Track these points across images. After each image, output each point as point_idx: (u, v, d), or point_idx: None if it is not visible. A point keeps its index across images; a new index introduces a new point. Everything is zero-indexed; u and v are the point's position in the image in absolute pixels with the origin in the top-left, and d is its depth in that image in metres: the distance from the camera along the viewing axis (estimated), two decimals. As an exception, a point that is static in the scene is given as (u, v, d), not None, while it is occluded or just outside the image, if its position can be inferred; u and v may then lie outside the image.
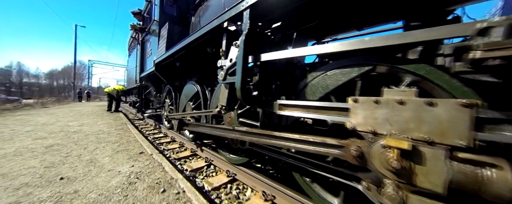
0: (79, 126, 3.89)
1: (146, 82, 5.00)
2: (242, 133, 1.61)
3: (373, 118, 0.80)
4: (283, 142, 1.25)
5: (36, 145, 2.32)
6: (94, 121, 4.75)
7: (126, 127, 3.97)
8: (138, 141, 2.73)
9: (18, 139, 2.59)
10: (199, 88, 2.86)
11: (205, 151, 2.72)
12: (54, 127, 3.61)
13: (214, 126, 2.01)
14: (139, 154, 2.09)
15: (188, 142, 3.19)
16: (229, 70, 1.45)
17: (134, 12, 4.40)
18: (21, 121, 4.39)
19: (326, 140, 1.00)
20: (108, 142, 2.63)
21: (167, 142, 3.56)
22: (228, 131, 1.78)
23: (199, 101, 2.88)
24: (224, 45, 1.66)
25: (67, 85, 42.10)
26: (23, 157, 1.84)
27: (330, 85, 1.21)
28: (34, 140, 2.54)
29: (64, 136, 2.89)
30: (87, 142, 2.56)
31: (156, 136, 4.03)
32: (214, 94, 2.41)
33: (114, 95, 7.35)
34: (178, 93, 3.75)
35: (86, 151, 2.12)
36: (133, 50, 6.52)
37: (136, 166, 1.69)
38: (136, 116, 7.37)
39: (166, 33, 3.09)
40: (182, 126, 2.80)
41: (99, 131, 3.38)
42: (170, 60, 3.03)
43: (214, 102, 2.40)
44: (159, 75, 3.68)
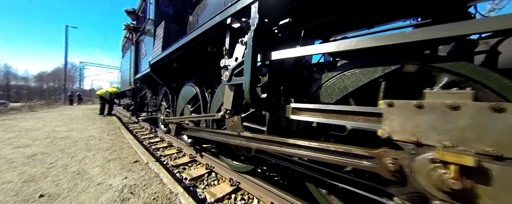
0: (68, 131, 3.61)
1: (141, 84, 4.76)
2: (249, 139, 1.46)
3: (414, 125, 0.67)
4: (298, 150, 1.11)
5: (17, 154, 2.08)
6: (84, 125, 4.45)
7: (119, 132, 3.73)
8: (133, 148, 2.52)
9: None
10: (198, 90, 2.69)
11: (205, 157, 2.55)
12: (39, 133, 3.32)
13: (216, 131, 1.85)
14: (133, 163, 1.89)
15: (187, 147, 3.00)
16: (234, 70, 1.30)
17: (128, 10, 4.18)
18: (4, 127, 4.05)
19: (351, 149, 0.87)
20: (99, 149, 2.41)
21: (164, 148, 3.35)
22: (232, 137, 1.63)
23: (198, 104, 2.71)
24: (227, 43, 1.51)
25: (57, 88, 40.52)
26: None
27: (349, 87, 1.09)
28: (14, 149, 2.28)
29: (50, 143, 2.64)
30: (75, 150, 2.33)
31: (152, 140, 3.80)
32: (214, 96, 2.25)
33: (107, 97, 7.01)
34: (175, 96, 3.56)
35: (73, 161, 1.90)
36: (127, 51, 6.24)
37: (130, 178, 1.50)
38: (131, 119, 7.05)
39: (162, 32, 2.91)
40: (180, 131, 2.61)
41: (89, 137, 3.13)
42: (166, 61, 2.85)
43: (215, 105, 2.24)
44: (155, 76, 3.47)
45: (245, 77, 1.14)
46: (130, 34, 4.69)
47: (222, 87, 2.13)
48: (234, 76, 1.31)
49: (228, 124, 1.99)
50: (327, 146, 0.97)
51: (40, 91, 48.80)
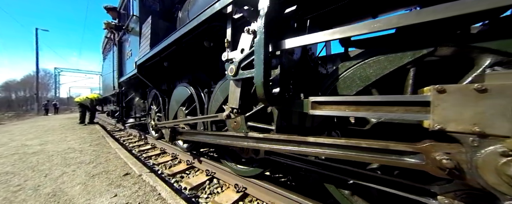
0: (41, 145, 3.13)
1: (126, 87, 4.35)
2: (259, 140, 1.30)
3: (475, 113, 0.56)
4: (321, 149, 0.97)
5: (-28, 177, 1.69)
6: (61, 137, 3.94)
7: (104, 141, 3.33)
8: (121, 158, 2.21)
9: None
10: (193, 91, 2.46)
11: (204, 162, 2.33)
12: (4, 149, 2.83)
13: (219, 134, 1.66)
14: (123, 176, 1.62)
15: (182, 153, 2.75)
16: (241, 63, 1.13)
17: (108, 7, 3.77)
18: (-41, 144, 3.41)
19: (388, 145, 0.75)
20: (80, 163, 2.07)
21: (157, 155, 3.05)
22: (238, 139, 1.45)
23: (193, 106, 2.47)
24: (229, 34, 1.34)
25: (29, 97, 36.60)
26: None
27: (372, 76, 0.98)
28: (-30, 170, 1.86)
29: (18, 160, 2.22)
30: (50, 166, 1.97)
31: (143, 148, 3.46)
32: (213, 96, 2.06)
33: (88, 104, 6.36)
34: (166, 98, 3.26)
35: (48, 180, 1.58)
36: (109, 53, 5.71)
37: (121, 195, 1.26)
38: (116, 127, 6.47)
39: (149, 29, 2.63)
40: (176, 136, 2.36)
41: (67, 150, 2.73)
42: (156, 60, 2.57)
43: (214, 105, 2.04)
44: (143, 78, 3.15)
45: (257, 69, 0.98)
46: (111, 34, 4.26)
47: (221, 86, 1.94)
48: (241, 69, 1.14)
49: (230, 125, 1.81)
50: (357, 142, 0.84)
51: (7, 101, 43.74)
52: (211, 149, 3.15)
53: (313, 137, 1.01)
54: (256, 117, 1.64)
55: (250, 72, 1.06)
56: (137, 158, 2.35)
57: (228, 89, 1.85)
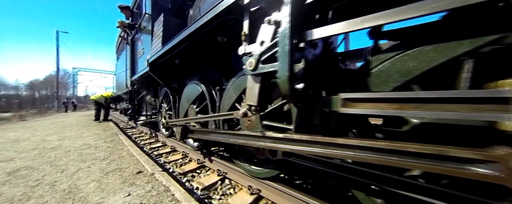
0: (59, 140, 3.25)
1: (138, 86, 4.42)
2: (278, 140, 1.20)
3: None
4: (354, 152, 0.85)
5: (-4, 170, 1.74)
6: (78, 133, 4.08)
7: (117, 138, 3.39)
8: (134, 155, 2.21)
9: (-27, 164, 1.98)
10: (204, 88, 2.41)
11: (215, 162, 2.27)
12: (26, 144, 2.95)
13: (233, 133, 1.58)
14: (136, 174, 1.59)
15: (193, 151, 2.71)
16: (262, 56, 1.04)
17: (122, 6, 3.84)
18: (-13, 138, 3.64)
19: (448, 151, 0.62)
20: (95, 159, 2.09)
21: (167, 153, 3.04)
22: (255, 139, 1.36)
23: (204, 103, 2.42)
24: (246, 26, 1.25)
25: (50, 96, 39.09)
26: (-30, 192, 1.29)
27: (415, 69, 0.84)
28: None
29: (38, 155, 2.29)
30: (66, 162, 2.00)
31: (153, 146, 3.49)
32: (225, 93, 1.98)
33: (102, 102, 6.59)
34: (177, 96, 3.26)
35: (64, 176, 1.59)
36: (122, 52, 5.86)
37: (134, 195, 1.22)
38: (128, 124, 6.66)
39: (161, 26, 2.61)
40: (187, 134, 2.32)
41: (83, 146, 2.79)
42: (167, 57, 2.55)
43: (226, 103, 1.97)
44: (154, 76, 3.16)
45: (282, 62, 0.88)
46: (124, 33, 4.34)
47: (234, 83, 1.86)
48: (261, 63, 1.05)
49: (244, 124, 1.72)
50: (402, 146, 0.72)
51: (32, 99, 47.01)
52: (220, 148, 3.10)
53: (344, 139, 0.90)
54: (272, 116, 1.55)
55: (273, 66, 0.96)
56: (149, 156, 2.34)
57: (241, 86, 1.77)
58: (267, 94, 1.20)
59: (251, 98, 1.15)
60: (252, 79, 1.14)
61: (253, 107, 1.13)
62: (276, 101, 1.49)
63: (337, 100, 0.90)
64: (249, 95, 1.18)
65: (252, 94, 1.14)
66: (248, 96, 1.18)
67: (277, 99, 1.53)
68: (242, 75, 1.79)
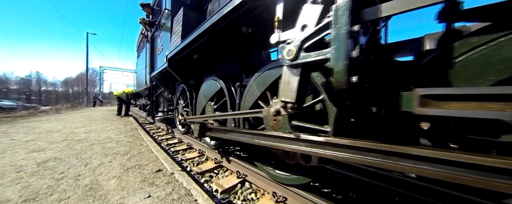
0: (86, 133, 3.42)
1: (156, 82, 4.52)
2: (316, 144, 1.00)
3: None
4: (436, 168, 0.63)
5: (28, 160, 1.82)
6: (102, 126, 4.29)
7: (137, 133, 3.47)
8: (153, 152, 2.17)
9: (10, 152, 2.11)
10: (223, 84, 2.29)
11: (233, 163, 2.14)
12: (58, 135, 3.15)
13: (258, 133, 1.41)
14: (155, 172, 1.52)
15: (209, 150, 2.62)
16: (304, 43, 0.85)
17: (143, 4, 3.92)
18: (27, 129, 4.00)
19: None
20: (116, 154, 2.09)
21: (184, 150, 3.01)
22: (285, 141, 1.18)
23: (223, 100, 2.31)
24: (280, 10, 1.06)
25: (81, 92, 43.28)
26: (2, 181, 1.32)
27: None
28: (28, 154, 2.04)
29: (66, 146, 2.39)
30: (90, 155, 2.03)
31: (170, 142, 3.50)
32: (247, 90, 1.83)
33: (124, 98, 6.96)
34: (194, 93, 3.20)
35: (87, 169, 1.58)
36: (142, 50, 6.09)
37: (155, 196, 1.12)
38: (146, 119, 6.94)
39: (181, 21, 2.55)
40: (205, 132, 2.23)
41: (107, 139, 2.88)
42: (187, 52, 2.48)
43: (248, 100, 1.81)
44: (172, 72, 3.14)
45: (337, 48, 0.68)
46: (145, 31, 4.45)
47: (257, 78, 1.69)
48: (303, 51, 0.85)
49: (269, 123, 1.55)
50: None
51: (66, 95, 52.67)
52: (237, 147, 2.97)
53: (418, 148, 0.67)
54: (301, 115, 1.35)
55: (321, 54, 0.76)
56: (167, 153, 2.29)
57: (267, 82, 1.60)
58: (305, 89, 1.00)
59: (287, 94, 0.97)
60: (289, 71, 0.95)
61: (290, 104, 0.95)
62: (309, 98, 1.29)
63: (412, 98, 0.67)
64: (284, 90, 0.99)
65: (289, 89, 0.95)
66: (283, 92, 1.00)
67: (308, 96, 1.34)
68: (268, 69, 1.62)
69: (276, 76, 1.48)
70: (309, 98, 1.31)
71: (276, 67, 1.52)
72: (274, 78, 1.53)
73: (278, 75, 1.46)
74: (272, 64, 1.60)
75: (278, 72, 1.46)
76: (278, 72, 1.45)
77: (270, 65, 1.61)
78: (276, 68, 1.51)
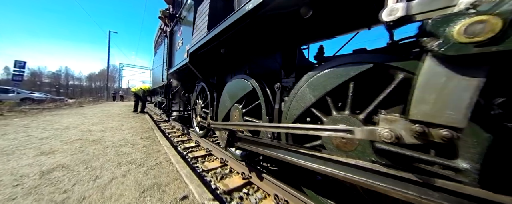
0: (101, 131, 3.21)
1: (174, 80, 4.24)
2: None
3: None
4: None
5: (33, 167, 1.54)
6: (119, 124, 4.11)
7: (153, 135, 3.18)
8: (173, 163, 1.81)
9: (19, 154, 1.87)
10: (257, 85, 1.86)
11: (267, 181, 1.70)
12: (73, 133, 2.95)
13: (328, 158, 0.95)
14: (181, 201, 1.13)
15: (233, 160, 2.22)
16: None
17: (164, -5, 3.64)
18: (47, 123, 3.93)
19: None
20: (132, 163, 1.76)
21: (203, 157, 2.64)
22: (396, 184, 0.71)
23: (256, 104, 1.88)
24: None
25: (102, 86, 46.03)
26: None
27: None
28: (36, 157, 1.79)
29: (78, 148, 2.13)
30: (102, 163, 1.72)
31: (187, 145, 3.16)
32: (294, 93, 1.38)
33: (140, 94, 6.88)
34: (215, 93, 2.83)
35: (96, 188, 1.23)
36: (160, 47, 5.91)
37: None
38: (161, 117, 6.81)
39: (207, 9, 2.16)
40: (234, 142, 1.82)
41: (121, 141, 2.60)
42: (213, 45, 2.09)
43: (296, 107, 1.36)
44: (193, 68, 2.79)
45: None
46: (164, 25, 4.19)
47: (311, 79, 1.24)
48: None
49: (333, 142, 1.10)
50: None
51: (90, 89, 56.57)
52: (261, 158, 2.53)
53: None
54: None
55: None
56: (190, 166, 1.91)
57: (327, 85, 1.13)
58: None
59: (434, 110, 0.49)
60: (450, 69, 0.48)
61: (442, 130, 0.47)
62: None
63: None
64: (424, 102, 0.52)
65: (446, 101, 0.48)
66: (421, 104, 0.52)
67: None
68: (332, 67, 1.16)
69: (347, 77, 1.04)
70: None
71: (349, 65, 1.06)
72: (342, 79, 1.09)
73: (350, 76, 1.02)
74: (340, 59, 1.13)
75: (351, 71, 1.02)
76: (351, 72, 1.02)
77: (335, 62, 1.15)
78: (349, 65, 1.05)
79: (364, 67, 1.00)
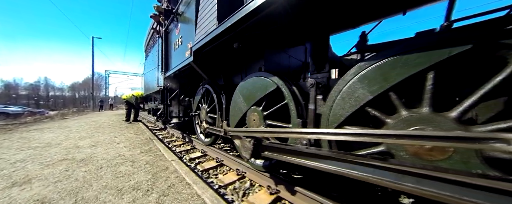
0: (91, 147, 2.74)
1: (172, 83, 3.84)
2: None
3: None
4: None
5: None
6: (111, 137, 3.62)
7: (154, 148, 2.77)
8: (189, 184, 1.47)
9: (-17, 186, 1.43)
10: (282, 82, 1.59)
11: (301, 195, 1.43)
12: (56, 152, 2.47)
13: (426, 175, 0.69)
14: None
15: (251, 170, 1.92)
16: None
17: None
18: (23, 141, 3.35)
19: None
20: (136, 189, 1.39)
21: (214, 168, 2.30)
22: None
23: (281, 105, 1.60)
24: None
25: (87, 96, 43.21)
26: None
27: None
28: (7, 189, 1.35)
29: (63, 173, 1.70)
30: (97, 192, 1.33)
31: (192, 155, 2.80)
32: (339, 90, 1.13)
33: (133, 102, 6.31)
34: (223, 95, 2.51)
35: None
36: (152, 49, 5.44)
37: None
38: (156, 125, 6.28)
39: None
40: (260, 152, 1.52)
41: (118, 158, 2.19)
42: (225, 39, 1.79)
43: (343, 106, 1.11)
44: (197, 68, 2.46)
45: None
46: (157, 25, 3.79)
47: (367, 72, 1.01)
48: None
49: (407, 149, 0.85)
50: None
51: (73, 99, 52.89)
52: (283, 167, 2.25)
53: None
54: None
55: None
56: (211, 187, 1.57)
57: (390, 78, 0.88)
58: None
59: None
60: None
61: None
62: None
63: None
64: None
65: None
66: None
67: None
68: (393, 55, 0.93)
69: (425, 65, 0.83)
70: None
71: (425, 49, 0.84)
72: (417, 69, 0.88)
73: (430, 64, 0.83)
74: (406, 44, 0.91)
75: (433, 57, 0.81)
76: (433, 58, 0.81)
77: (398, 48, 0.92)
78: (427, 50, 0.83)
79: (457, 50, 0.76)
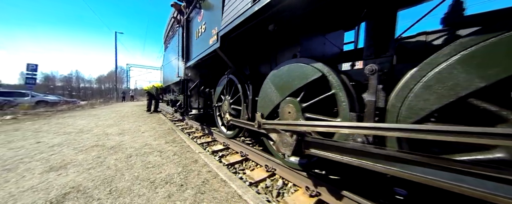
0: (119, 135, 2.79)
1: (192, 74, 3.75)
2: None
3: None
4: None
5: (36, 194, 1.10)
6: (136, 125, 3.71)
7: (178, 138, 2.73)
8: (225, 181, 1.33)
9: (22, 170, 1.45)
10: (327, 69, 1.33)
11: (347, 200, 1.20)
12: (88, 138, 2.55)
13: None
14: None
15: (281, 167, 1.73)
16: None
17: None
18: (59, 126, 3.58)
19: None
20: (169, 183, 1.29)
21: (240, 163, 2.16)
22: None
23: (326, 96, 1.35)
24: None
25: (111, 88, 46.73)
26: None
27: None
28: (44, 174, 1.36)
29: (96, 160, 1.70)
30: (130, 183, 1.26)
31: (215, 148, 2.70)
32: (421, 75, 0.83)
33: (154, 92, 6.49)
34: (250, 85, 2.32)
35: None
36: (172, 40, 5.41)
37: None
38: (174, 116, 6.43)
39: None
40: (304, 149, 1.31)
41: (145, 147, 2.16)
42: (259, 19, 1.56)
43: (429, 96, 0.83)
44: (223, 55, 2.27)
45: None
46: (178, 14, 3.66)
47: (470, 51, 0.69)
48: None
49: None
50: None
51: (99, 91, 57.81)
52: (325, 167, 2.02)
53: None
54: None
55: None
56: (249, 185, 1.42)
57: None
58: None
59: None
60: None
61: None
62: None
63: None
64: None
65: None
66: None
67: None
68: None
69: None
70: None
71: None
72: None
73: None
74: None
75: None
76: None
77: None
78: None
79: None
